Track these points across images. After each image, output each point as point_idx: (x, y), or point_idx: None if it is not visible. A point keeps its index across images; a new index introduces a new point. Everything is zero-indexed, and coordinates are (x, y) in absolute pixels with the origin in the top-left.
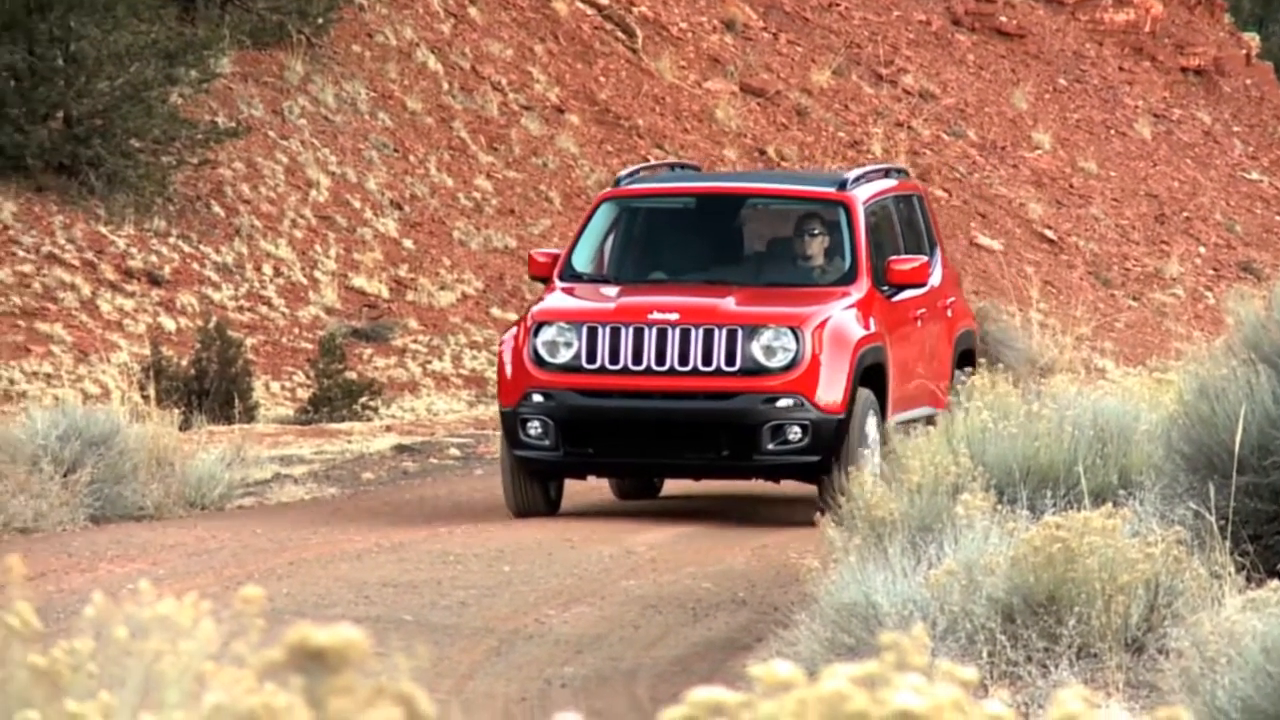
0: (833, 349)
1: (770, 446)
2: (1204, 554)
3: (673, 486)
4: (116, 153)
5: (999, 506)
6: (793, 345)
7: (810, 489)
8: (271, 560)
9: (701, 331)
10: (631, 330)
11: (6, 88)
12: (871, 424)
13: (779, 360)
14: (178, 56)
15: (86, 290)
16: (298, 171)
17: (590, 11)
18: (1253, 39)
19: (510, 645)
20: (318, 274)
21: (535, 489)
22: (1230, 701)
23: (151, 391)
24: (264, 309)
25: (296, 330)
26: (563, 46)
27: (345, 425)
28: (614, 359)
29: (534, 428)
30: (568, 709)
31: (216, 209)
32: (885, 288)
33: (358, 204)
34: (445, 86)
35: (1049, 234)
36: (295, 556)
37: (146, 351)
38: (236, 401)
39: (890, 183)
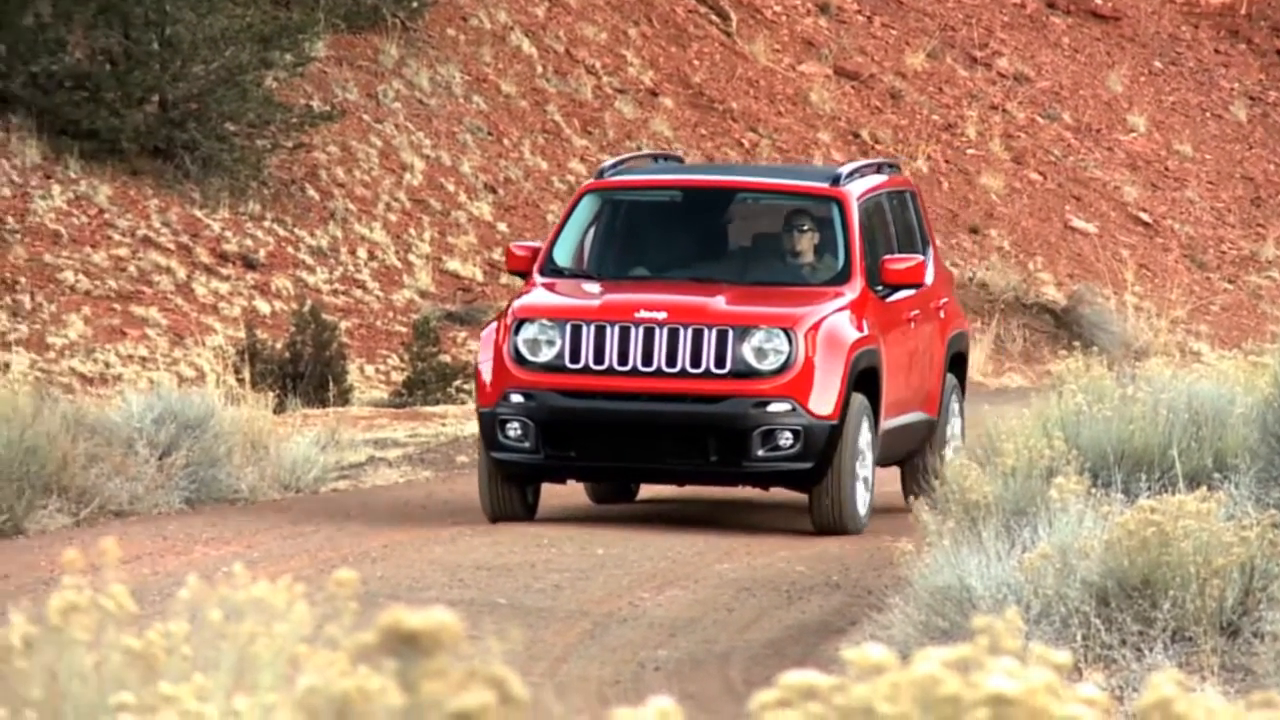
0: (826, 352)
1: (760, 453)
2: None
3: (650, 491)
4: (211, 136)
5: (1093, 490)
6: (785, 347)
7: (801, 497)
8: (365, 543)
9: (690, 331)
10: (617, 329)
11: (102, 72)
12: (865, 430)
13: (771, 363)
14: (272, 40)
15: (181, 274)
16: (392, 155)
17: None
18: None
19: (604, 628)
20: (412, 257)
21: (513, 493)
22: None
23: (246, 375)
24: (358, 292)
25: (391, 314)
26: (657, 30)
27: (439, 408)
28: (598, 359)
29: (513, 429)
30: (661, 692)
31: (311, 193)
32: (879, 288)
33: (452, 187)
34: (539, 70)
35: (1144, 217)
36: (389, 539)
37: (241, 335)
38: (331, 385)
39: (882, 178)
